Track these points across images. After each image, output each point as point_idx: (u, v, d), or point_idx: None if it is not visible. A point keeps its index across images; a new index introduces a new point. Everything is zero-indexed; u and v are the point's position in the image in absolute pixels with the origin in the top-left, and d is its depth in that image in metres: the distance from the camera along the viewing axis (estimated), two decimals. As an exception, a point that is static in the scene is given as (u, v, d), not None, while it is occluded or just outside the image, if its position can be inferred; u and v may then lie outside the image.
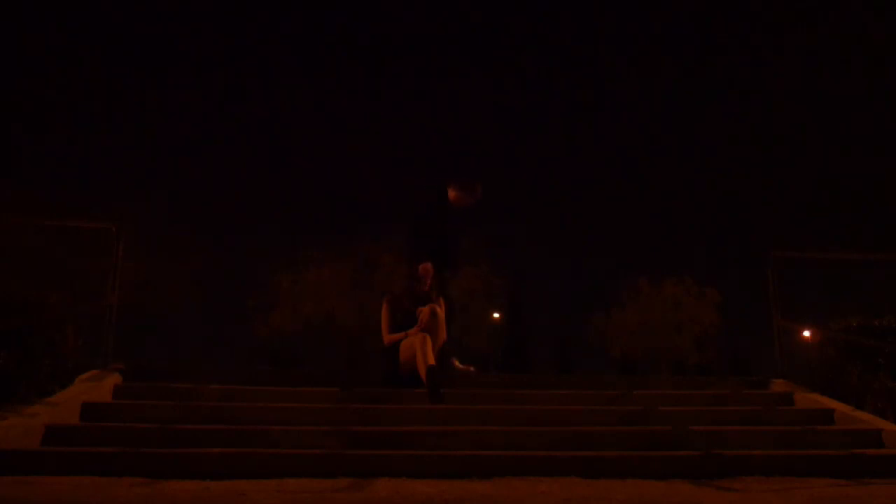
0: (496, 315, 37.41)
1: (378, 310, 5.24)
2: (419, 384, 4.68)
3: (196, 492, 2.99)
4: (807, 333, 6.77)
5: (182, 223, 31.69)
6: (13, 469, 3.24)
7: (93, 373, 4.78)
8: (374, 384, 5.04)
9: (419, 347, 4.74)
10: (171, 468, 3.33)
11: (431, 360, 4.66)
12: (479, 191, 5.82)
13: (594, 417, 4.47)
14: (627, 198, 71.04)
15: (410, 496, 2.93)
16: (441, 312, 5.10)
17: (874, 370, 4.86)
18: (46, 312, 4.56)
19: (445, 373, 5.07)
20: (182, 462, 3.38)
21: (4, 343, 4.14)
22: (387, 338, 5.10)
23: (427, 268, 5.29)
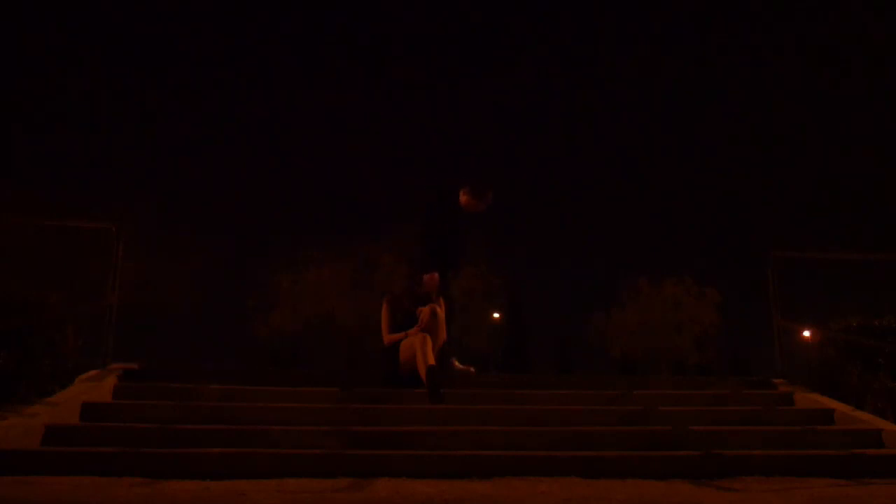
0: (496, 315, 37.44)
1: (378, 310, 5.25)
2: (419, 384, 4.69)
3: (196, 492, 2.99)
4: (807, 333, 6.78)
5: (182, 223, 31.68)
6: (13, 469, 3.24)
7: (93, 373, 4.78)
8: (374, 384, 5.04)
9: (419, 347, 4.74)
10: (171, 468, 3.33)
11: (431, 360, 4.66)
12: (490, 197, 5.83)
13: (594, 417, 4.47)
14: (627, 198, 71.10)
15: (410, 496, 2.93)
16: (441, 312, 5.11)
17: (874, 370, 4.87)
18: (46, 312, 4.56)
19: (445, 373, 5.07)
20: (182, 462, 3.38)
21: (4, 343, 4.14)
22: (387, 338, 5.11)
23: (434, 278, 5.28)
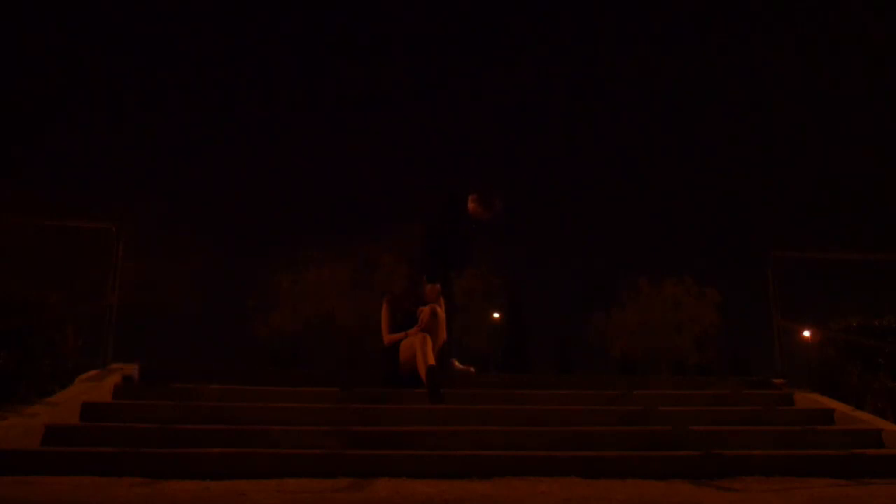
0: (496, 315, 37.47)
1: (378, 310, 5.25)
2: (419, 384, 4.69)
3: (196, 492, 2.99)
4: (807, 333, 6.78)
5: (182, 223, 31.70)
6: (13, 469, 3.24)
7: (93, 373, 4.78)
8: (374, 384, 5.04)
9: (419, 347, 4.74)
10: (171, 468, 3.33)
11: (431, 360, 4.66)
12: (499, 206, 5.83)
13: (594, 417, 4.47)
14: (627, 198, 71.05)
15: (410, 496, 2.93)
16: (441, 313, 5.11)
17: (874, 370, 4.87)
18: (46, 312, 4.56)
19: (445, 373, 5.07)
20: (182, 462, 3.38)
21: (4, 343, 4.14)
22: (387, 338, 5.11)
23: (436, 289, 5.30)
